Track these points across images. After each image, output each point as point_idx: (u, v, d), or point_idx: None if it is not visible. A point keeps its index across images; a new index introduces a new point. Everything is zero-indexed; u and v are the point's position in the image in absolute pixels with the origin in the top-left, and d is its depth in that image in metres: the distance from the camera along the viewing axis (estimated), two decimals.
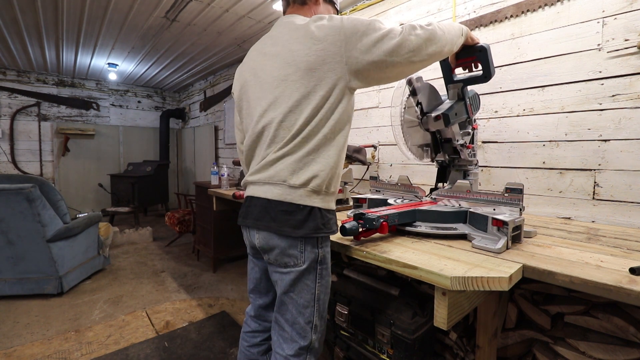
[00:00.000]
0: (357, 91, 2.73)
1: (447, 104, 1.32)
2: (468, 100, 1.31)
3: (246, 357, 1.23)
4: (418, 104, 1.31)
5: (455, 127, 1.34)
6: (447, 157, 1.44)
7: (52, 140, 5.40)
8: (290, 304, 0.99)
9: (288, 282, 0.98)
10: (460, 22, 1.95)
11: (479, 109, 1.42)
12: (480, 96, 1.87)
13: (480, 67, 1.25)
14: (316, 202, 0.95)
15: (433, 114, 1.25)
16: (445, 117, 1.23)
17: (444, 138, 1.39)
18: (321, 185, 0.95)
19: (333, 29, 0.92)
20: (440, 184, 1.47)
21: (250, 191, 1.03)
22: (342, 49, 0.90)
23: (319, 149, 0.94)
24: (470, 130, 1.39)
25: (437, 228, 1.12)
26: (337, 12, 1.18)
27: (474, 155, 1.39)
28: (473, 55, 1.20)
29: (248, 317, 1.27)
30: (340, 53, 0.91)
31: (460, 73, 1.38)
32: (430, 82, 1.37)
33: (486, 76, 1.22)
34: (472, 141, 1.39)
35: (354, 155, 2.08)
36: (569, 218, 1.56)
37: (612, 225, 1.41)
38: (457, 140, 1.35)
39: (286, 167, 0.94)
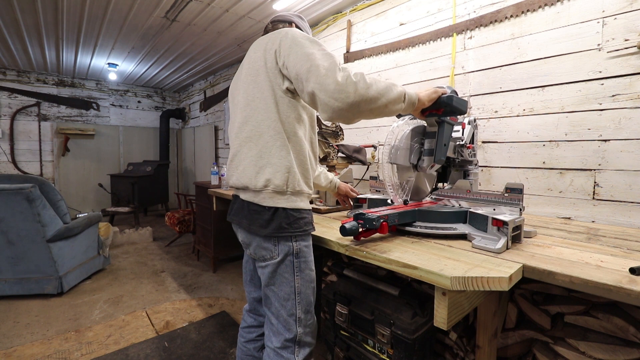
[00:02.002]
0: None
1: (430, 137, 1.23)
2: (448, 117, 1.21)
3: (243, 352, 1.26)
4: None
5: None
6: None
7: (52, 140, 5.40)
8: (273, 297, 1.05)
9: (267, 275, 1.04)
10: (460, 22, 1.95)
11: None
12: (480, 96, 1.88)
13: None
14: (280, 202, 1.00)
15: (425, 165, 1.21)
16: (440, 162, 1.19)
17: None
18: (281, 186, 0.99)
19: (268, 36, 1.01)
20: (440, 184, 1.47)
21: (234, 190, 1.15)
22: (272, 54, 0.97)
23: (269, 151, 0.99)
24: (462, 135, 1.36)
25: (437, 228, 1.12)
26: None
27: (474, 155, 1.39)
28: (439, 108, 1.11)
29: (245, 312, 1.32)
30: (271, 58, 0.97)
31: None
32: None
33: (461, 114, 1.16)
34: (472, 141, 1.39)
35: (354, 155, 2.08)
36: (569, 218, 1.56)
37: (612, 225, 1.41)
38: (455, 152, 1.34)
39: (244, 173, 1.03)
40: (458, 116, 1.25)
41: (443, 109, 1.10)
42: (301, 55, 0.91)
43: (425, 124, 1.26)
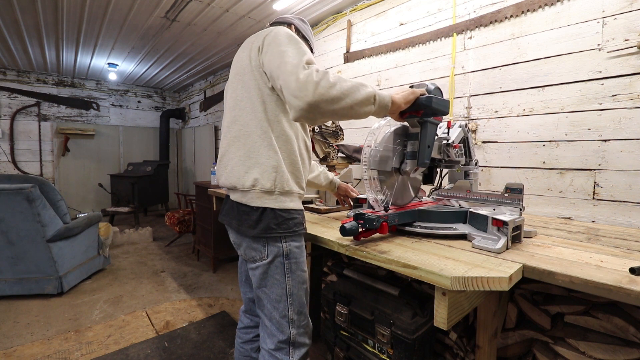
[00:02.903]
0: None
1: (413, 139, 1.17)
2: (431, 118, 1.15)
3: (240, 353, 1.26)
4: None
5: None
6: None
7: (52, 140, 5.40)
8: (265, 299, 1.04)
9: (258, 277, 1.04)
10: (460, 22, 1.95)
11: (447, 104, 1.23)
12: (480, 96, 1.88)
13: None
14: (268, 202, 0.99)
15: (409, 169, 1.16)
16: (424, 165, 1.14)
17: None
18: (269, 186, 0.98)
19: (257, 35, 1.01)
20: (430, 185, 1.44)
21: (225, 190, 1.14)
22: (257, 53, 0.97)
23: (257, 151, 0.99)
24: (446, 135, 1.31)
25: (437, 228, 1.12)
26: (310, 49, 1.23)
27: (462, 154, 1.31)
28: (419, 110, 1.05)
29: (241, 313, 1.31)
30: (256, 57, 0.97)
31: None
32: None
33: (443, 115, 1.11)
34: (461, 141, 1.35)
35: (354, 155, 2.08)
36: (569, 218, 1.56)
37: (612, 225, 1.41)
38: (440, 153, 1.28)
39: (232, 173, 1.02)
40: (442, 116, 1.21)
41: (422, 111, 1.05)
42: (276, 52, 0.90)
43: (408, 124, 1.22)
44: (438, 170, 1.40)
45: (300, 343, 1.05)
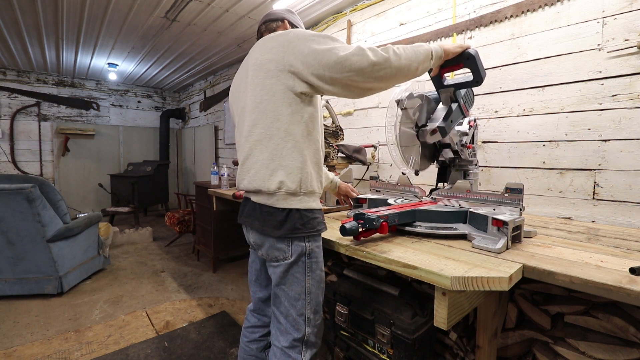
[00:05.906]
0: None
1: (440, 111, 1.28)
2: (462, 100, 1.25)
3: (245, 352, 1.26)
4: (411, 120, 1.30)
5: (453, 131, 1.32)
6: (447, 157, 1.43)
7: (52, 140, 5.40)
8: (283, 297, 1.04)
9: (279, 275, 1.04)
10: (460, 22, 1.95)
11: (473, 103, 1.38)
12: (480, 96, 1.88)
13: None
14: (294, 203, 1.00)
15: (428, 128, 1.22)
16: (442, 130, 1.20)
17: (443, 143, 1.39)
18: (294, 187, 0.99)
19: (275, 38, 1.01)
20: (440, 184, 1.47)
21: (245, 193, 1.13)
22: (283, 56, 0.96)
23: (280, 153, 0.99)
24: (467, 130, 1.38)
25: (437, 228, 1.12)
26: None
27: (474, 155, 1.39)
28: (459, 63, 1.12)
29: (248, 312, 1.31)
30: (282, 60, 0.96)
31: (449, 75, 1.37)
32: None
33: (477, 81, 1.16)
34: (472, 141, 1.39)
35: (354, 155, 2.08)
36: (569, 218, 1.56)
37: (612, 225, 1.41)
38: (456, 144, 1.34)
39: (257, 177, 1.02)
40: (469, 109, 1.31)
41: (463, 64, 1.12)
42: (321, 52, 0.90)
43: (440, 102, 1.31)
44: (451, 169, 1.43)
45: (312, 343, 1.06)
